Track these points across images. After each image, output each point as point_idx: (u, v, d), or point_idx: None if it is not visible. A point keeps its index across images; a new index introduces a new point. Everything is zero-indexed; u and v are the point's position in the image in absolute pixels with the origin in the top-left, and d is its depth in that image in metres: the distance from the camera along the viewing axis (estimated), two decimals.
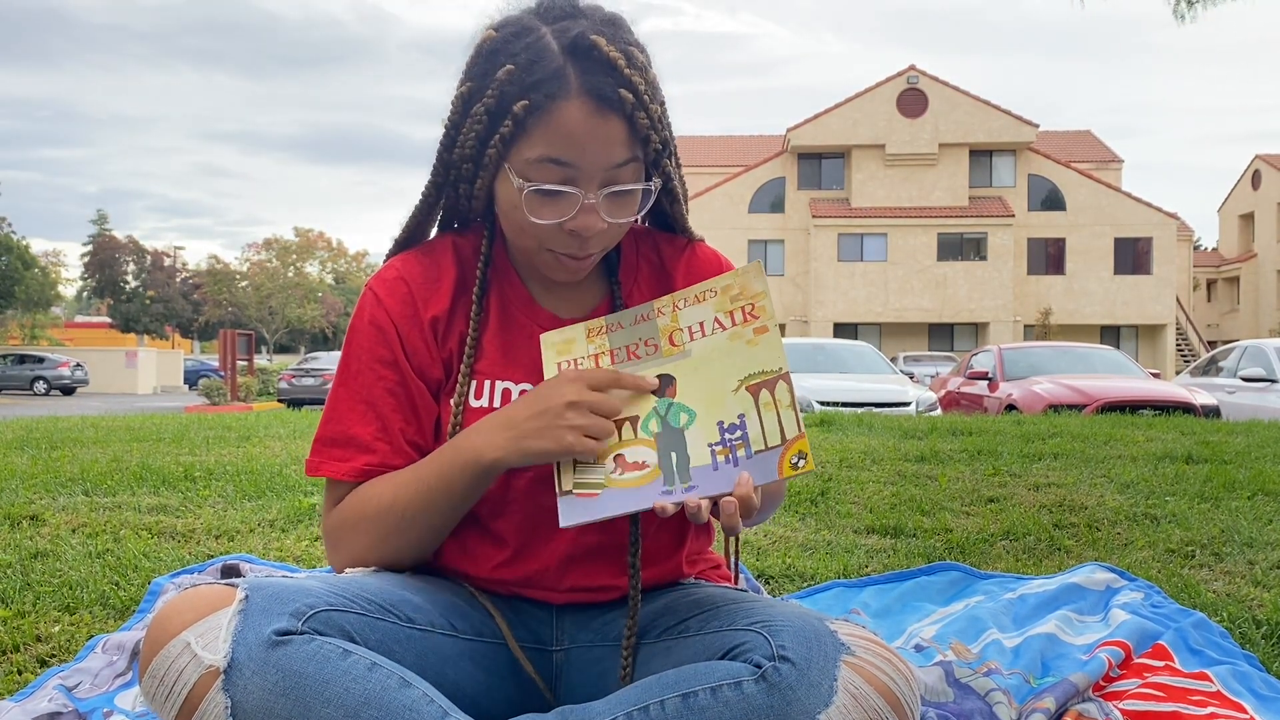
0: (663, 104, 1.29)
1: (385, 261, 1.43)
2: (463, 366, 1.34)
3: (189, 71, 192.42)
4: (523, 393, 1.33)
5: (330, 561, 1.36)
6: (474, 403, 1.33)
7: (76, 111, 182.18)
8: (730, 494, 1.13)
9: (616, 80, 1.21)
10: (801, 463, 1.13)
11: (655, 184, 1.30)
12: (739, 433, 1.16)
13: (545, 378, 1.27)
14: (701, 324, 1.24)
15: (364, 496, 1.31)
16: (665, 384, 1.22)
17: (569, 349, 1.28)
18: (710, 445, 1.17)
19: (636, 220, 1.33)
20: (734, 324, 1.23)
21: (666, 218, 1.47)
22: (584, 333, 1.29)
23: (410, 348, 1.35)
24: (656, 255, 1.46)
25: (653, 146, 1.26)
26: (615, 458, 1.19)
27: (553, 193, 1.24)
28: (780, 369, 1.18)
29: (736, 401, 1.18)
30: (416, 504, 1.27)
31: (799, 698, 1.05)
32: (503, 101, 1.23)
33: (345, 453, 1.32)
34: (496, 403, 1.33)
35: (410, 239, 1.44)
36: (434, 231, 1.46)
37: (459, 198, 1.37)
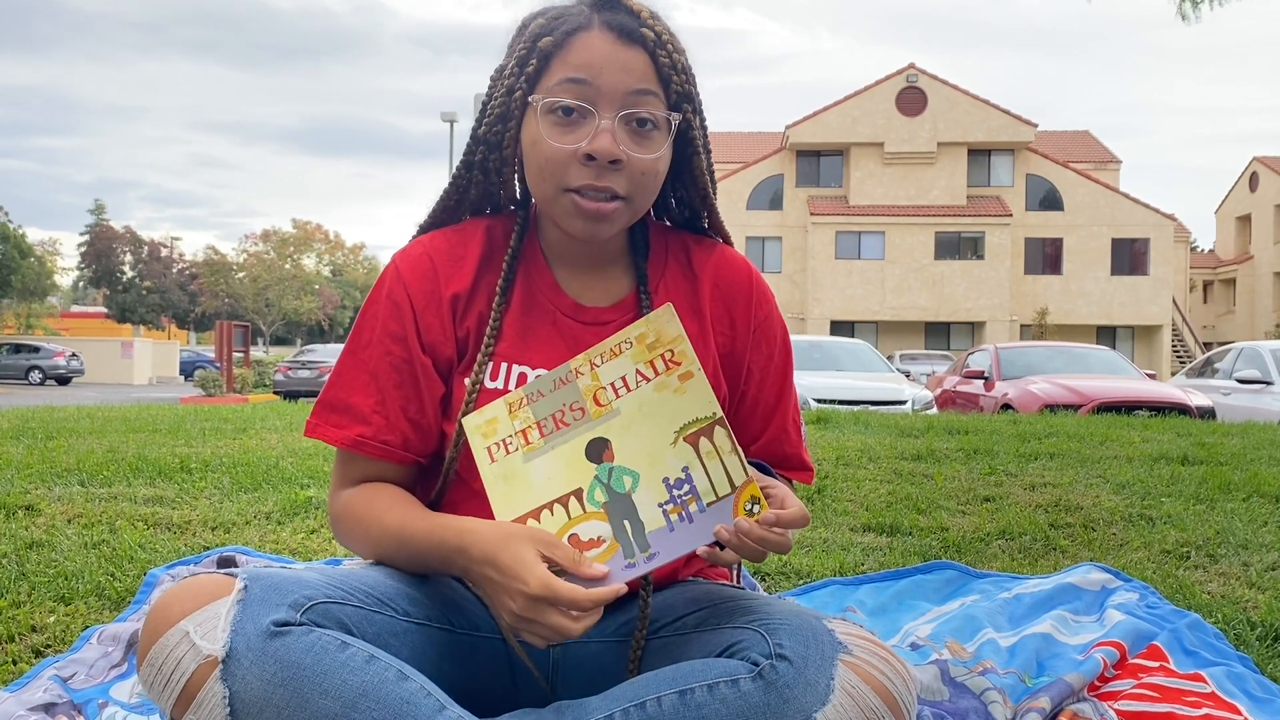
0: (689, 71, 1.33)
1: (413, 239, 1.43)
2: (482, 349, 1.35)
3: (183, 61, 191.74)
4: (538, 377, 1.33)
5: (334, 534, 1.40)
6: (489, 384, 1.34)
7: (70, 100, 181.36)
8: (698, 548, 1.12)
9: (639, 21, 1.27)
10: (755, 508, 1.11)
11: (675, 117, 1.30)
12: (686, 487, 1.14)
13: (480, 468, 1.21)
14: (624, 378, 1.20)
15: (358, 512, 1.32)
16: (600, 448, 1.18)
17: (493, 430, 1.22)
18: (661, 505, 1.14)
19: (656, 156, 1.30)
20: (656, 374, 1.19)
21: (697, 219, 1.46)
22: (505, 409, 1.23)
23: (424, 325, 1.36)
24: (685, 255, 1.45)
25: (674, 89, 1.30)
26: (569, 538, 1.15)
27: (570, 111, 1.26)
28: (714, 414, 1.16)
29: (677, 455, 1.16)
30: (395, 555, 1.28)
31: (796, 696, 1.05)
32: (531, 48, 1.29)
33: (342, 420, 1.34)
34: (512, 385, 1.34)
35: (436, 224, 1.45)
36: (465, 218, 1.46)
37: (487, 175, 1.39)
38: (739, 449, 1.14)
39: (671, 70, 1.28)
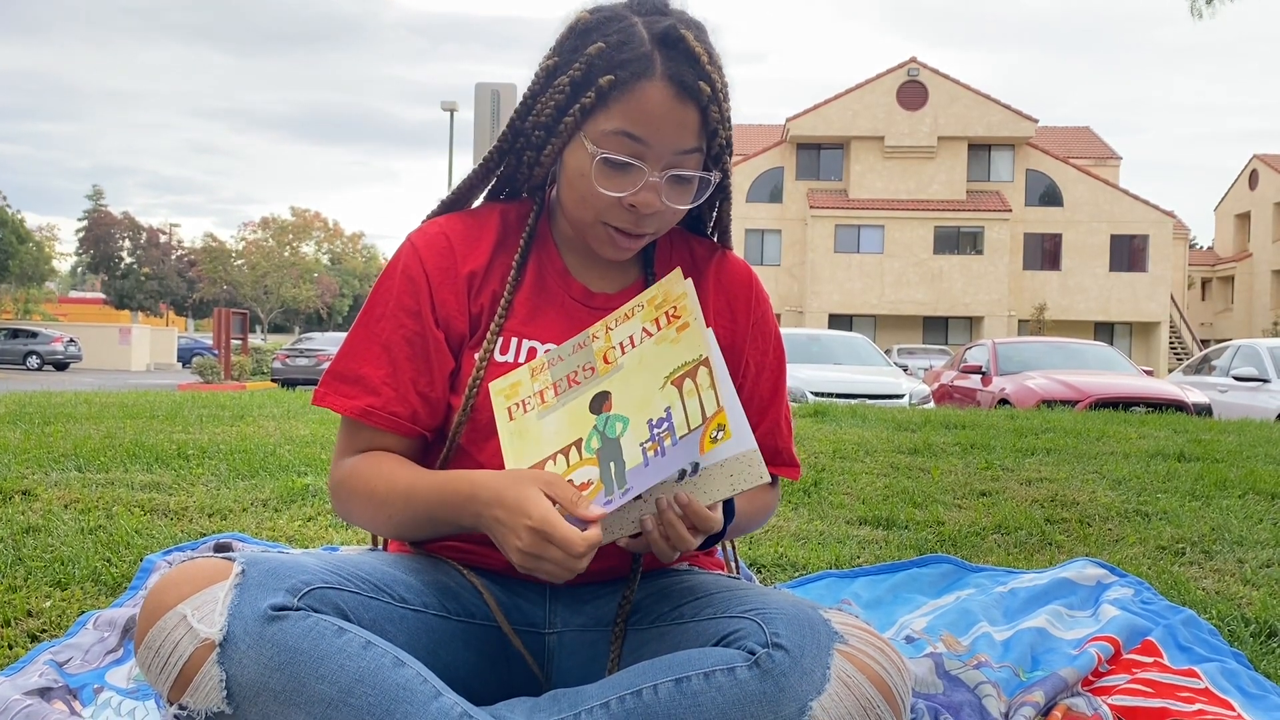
0: (730, 108, 1.35)
1: (427, 219, 1.46)
2: (493, 324, 1.38)
3: (178, 47, 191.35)
4: (547, 351, 1.37)
5: (333, 505, 1.40)
6: (499, 358, 1.38)
7: (65, 85, 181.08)
8: (663, 481, 1.15)
9: (698, 73, 1.28)
10: (720, 434, 1.15)
11: (715, 176, 1.35)
12: (665, 425, 1.18)
13: (499, 426, 1.28)
14: (631, 337, 1.28)
15: (365, 474, 1.33)
16: (601, 401, 1.24)
17: (516, 392, 1.30)
18: (641, 445, 1.18)
19: (691, 207, 1.37)
20: (659, 329, 1.27)
21: (702, 224, 1.53)
22: (528, 374, 1.31)
23: (439, 299, 1.38)
24: (689, 251, 1.51)
25: (718, 141, 1.32)
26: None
27: (621, 165, 1.29)
28: (700, 356, 1.20)
29: (663, 397, 1.21)
30: (402, 515, 1.29)
31: (792, 684, 1.06)
32: (589, 74, 1.29)
33: (352, 390, 1.35)
34: (522, 358, 1.37)
35: (457, 202, 1.48)
36: (481, 199, 1.50)
37: (519, 166, 1.42)
38: (717, 384, 1.17)
39: (719, 124, 1.31)
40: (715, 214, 1.51)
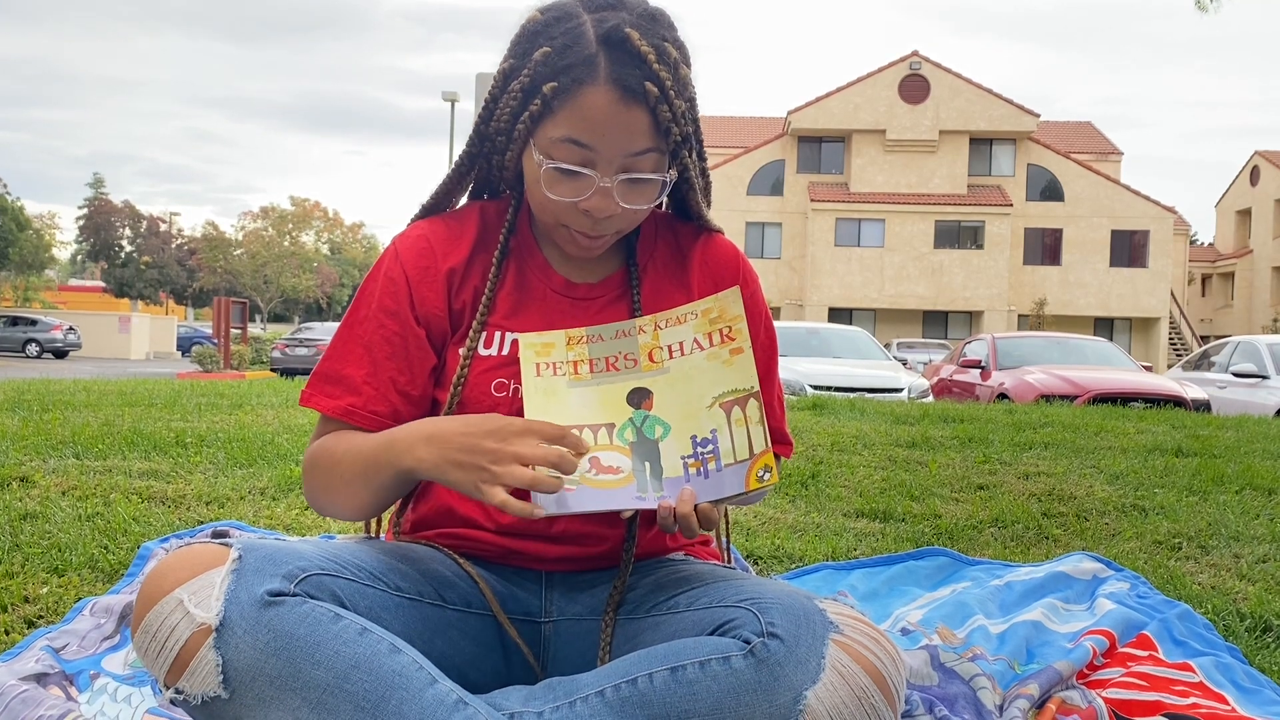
0: (690, 100, 1.32)
1: (410, 223, 1.47)
2: (475, 319, 1.38)
3: (177, 35, 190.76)
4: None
5: (304, 490, 1.41)
6: (483, 351, 1.38)
7: (64, 72, 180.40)
8: (700, 502, 1.18)
9: (644, 73, 1.24)
10: (767, 475, 1.18)
11: (671, 176, 1.33)
12: (710, 446, 1.21)
13: (523, 378, 1.29)
14: (681, 344, 1.29)
15: (329, 447, 1.34)
16: (641, 397, 1.26)
17: (547, 352, 1.31)
18: (683, 458, 1.20)
19: (659, 206, 1.37)
20: (712, 345, 1.27)
21: (686, 206, 1.50)
22: (564, 340, 1.31)
23: (418, 298, 1.39)
24: (674, 238, 1.50)
25: (673, 139, 1.29)
26: (590, 459, 1.21)
27: (570, 172, 1.27)
28: (752, 387, 1.23)
29: (710, 417, 1.22)
30: (351, 474, 1.30)
31: (787, 674, 1.06)
32: (536, 81, 1.27)
33: (335, 390, 1.37)
34: (505, 351, 1.37)
35: (437, 205, 1.48)
36: (463, 200, 1.50)
37: (490, 169, 1.42)
38: (765, 421, 1.21)
39: (672, 122, 1.27)
40: (688, 205, 1.47)
